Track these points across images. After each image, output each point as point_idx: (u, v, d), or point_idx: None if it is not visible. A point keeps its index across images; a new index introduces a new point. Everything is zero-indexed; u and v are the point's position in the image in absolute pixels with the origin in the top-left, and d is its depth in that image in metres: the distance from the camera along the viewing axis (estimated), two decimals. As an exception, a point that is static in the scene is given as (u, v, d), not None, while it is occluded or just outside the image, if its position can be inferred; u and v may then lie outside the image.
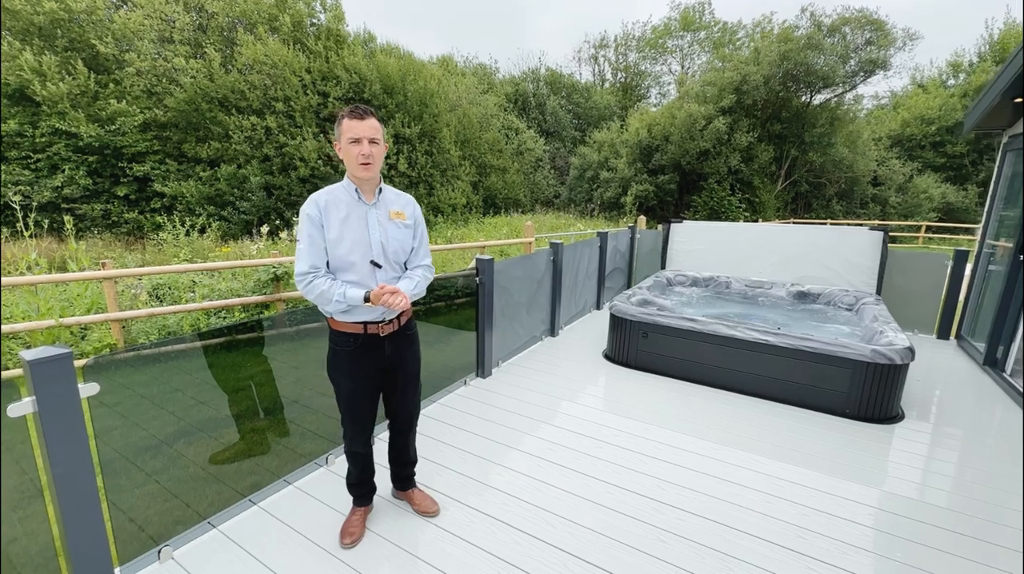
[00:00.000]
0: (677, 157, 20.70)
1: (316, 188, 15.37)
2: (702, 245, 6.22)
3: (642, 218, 12.85)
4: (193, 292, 6.87)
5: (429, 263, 2.14)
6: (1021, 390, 3.71)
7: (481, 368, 3.98)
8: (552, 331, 5.13)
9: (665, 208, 22.33)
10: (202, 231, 12.64)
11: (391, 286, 1.90)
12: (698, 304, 5.51)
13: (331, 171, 14.89)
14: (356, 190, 1.96)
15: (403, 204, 2.08)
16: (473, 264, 3.82)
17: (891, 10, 30.10)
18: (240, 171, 14.28)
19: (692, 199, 21.17)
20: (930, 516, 2.40)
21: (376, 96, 16.11)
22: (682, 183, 21.66)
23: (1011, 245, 4.44)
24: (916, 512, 2.43)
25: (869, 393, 3.38)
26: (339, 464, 2.76)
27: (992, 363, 4.34)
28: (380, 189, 2.00)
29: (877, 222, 21.61)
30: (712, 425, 3.31)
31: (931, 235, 20.22)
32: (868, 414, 3.41)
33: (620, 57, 39.41)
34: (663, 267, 6.44)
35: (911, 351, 3.34)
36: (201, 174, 14.11)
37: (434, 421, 3.27)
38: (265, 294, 6.63)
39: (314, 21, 16.96)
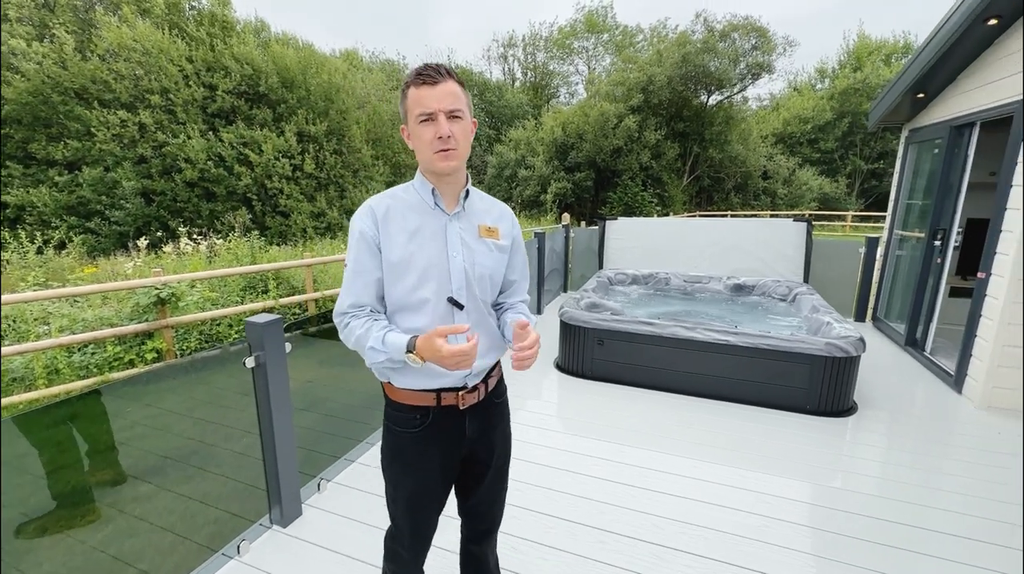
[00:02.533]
0: (592, 155, 21.18)
1: (207, 193, 13.83)
2: (637, 242, 6.13)
3: (567, 215, 12.83)
4: (47, 325, 5.55)
5: (528, 298, 1.51)
6: (952, 371, 3.91)
7: None
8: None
9: (583, 205, 22.80)
10: (61, 247, 10.62)
11: (466, 328, 1.18)
12: (641, 303, 5.38)
13: (224, 173, 13.25)
14: (433, 191, 1.28)
15: (497, 216, 1.40)
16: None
17: (772, 18, 33.53)
18: (109, 175, 12.24)
19: (608, 195, 21.79)
20: (912, 511, 2.31)
21: (274, 90, 14.62)
22: (598, 180, 22.22)
23: (918, 233, 4.74)
24: (901, 509, 2.33)
25: (828, 387, 3.35)
26: (258, 553, 2.12)
27: (912, 343, 4.60)
28: (467, 192, 1.33)
29: (770, 212, 23.74)
30: (679, 437, 3.08)
31: (856, 223, 22.54)
32: (827, 408, 3.38)
33: (529, 57, 39.78)
34: (601, 266, 6.27)
35: (863, 342, 3.34)
36: (56, 179, 11.90)
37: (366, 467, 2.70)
38: (147, 321, 5.52)
39: (194, 4, 15.03)
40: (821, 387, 3.36)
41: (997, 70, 3.64)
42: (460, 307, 1.27)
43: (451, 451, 1.34)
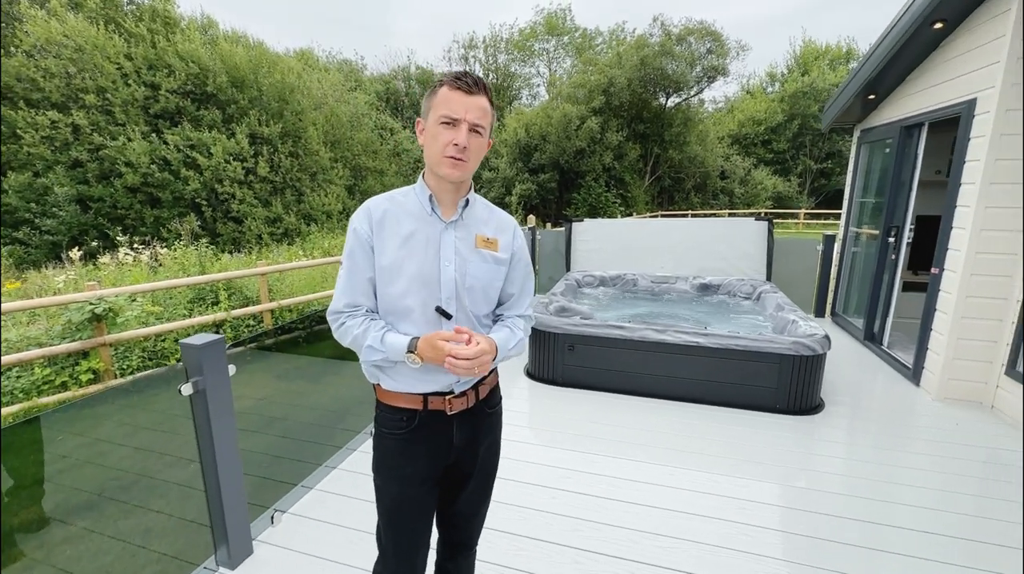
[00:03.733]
0: (556, 156, 21.27)
1: (151, 199, 13.00)
2: (604, 243, 6.09)
3: (532, 217, 12.77)
4: (-38, 347, 5.00)
5: (531, 314, 1.46)
6: (910, 364, 4.01)
7: None
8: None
9: (547, 206, 22.87)
10: (-16, 259, 9.74)
11: (461, 331, 1.19)
12: (610, 305, 5.33)
13: (170, 178, 12.51)
14: (431, 198, 1.27)
15: (499, 226, 1.36)
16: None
17: (725, 23, 34.87)
18: (39, 180, 11.32)
19: (572, 196, 21.94)
20: (896, 510, 2.31)
21: (223, 89, 13.93)
22: (562, 181, 22.34)
23: (872, 230, 4.89)
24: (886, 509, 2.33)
25: (796, 385, 3.36)
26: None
27: (871, 338, 4.73)
28: (467, 200, 1.30)
29: (728, 211, 24.48)
30: (652, 444, 3.01)
31: (830, 220, 23.38)
32: (796, 406, 3.39)
33: (490, 58, 39.69)
34: (568, 268, 6.20)
35: (828, 339, 3.37)
36: (-23, 185, 10.92)
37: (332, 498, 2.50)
38: (80, 340, 5.07)
39: (132, -1, 14.16)
40: (790, 386, 3.37)
41: (943, 72, 3.77)
42: (448, 317, 1.25)
43: (436, 456, 1.31)
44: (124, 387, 5.28)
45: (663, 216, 21.83)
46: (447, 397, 1.28)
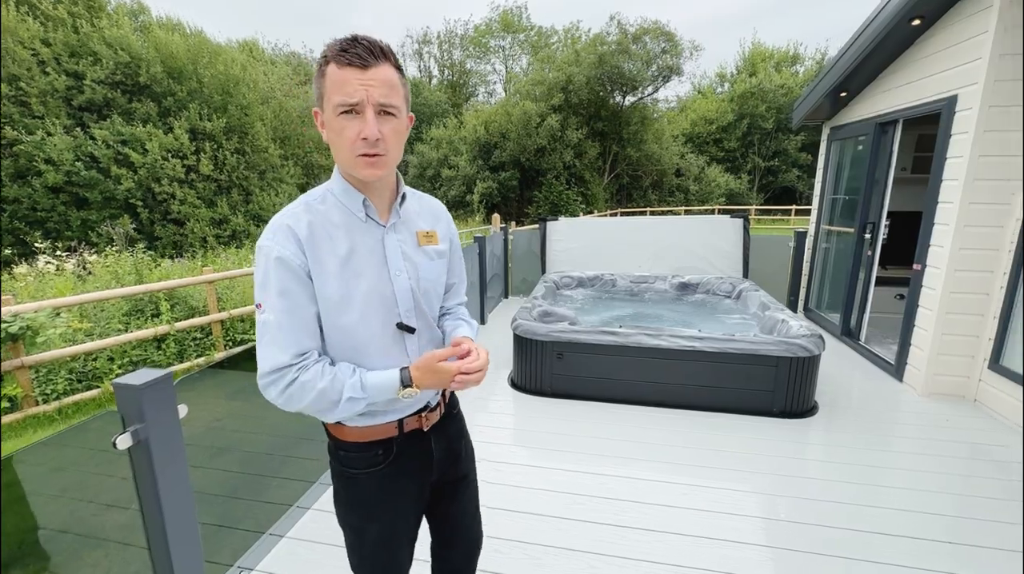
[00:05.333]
0: (516, 154, 21.08)
1: (78, 200, 11.76)
2: (579, 243, 5.92)
3: (496, 216, 12.50)
4: None
5: (466, 298, 1.36)
6: (891, 359, 4.04)
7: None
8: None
9: (509, 205, 22.66)
10: None
11: (463, 342, 1.09)
12: (591, 308, 5.15)
13: (99, 176, 11.39)
14: (364, 201, 1.05)
15: (432, 216, 1.21)
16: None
17: (677, 24, 35.79)
18: (-61, 180, 10.02)
19: (534, 195, 21.83)
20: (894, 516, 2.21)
21: (158, 80, 12.84)
22: (523, 179, 22.18)
23: (846, 228, 4.94)
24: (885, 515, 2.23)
25: (793, 387, 3.27)
26: None
27: (848, 333, 4.77)
28: (403, 196, 1.12)
29: (684, 208, 25.10)
30: (652, 457, 2.82)
31: (779, 216, 24.18)
32: (792, 409, 3.30)
33: (445, 54, 39.05)
34: (544, 270, 5.98)
35: (822, 339, 3.31)
36: None
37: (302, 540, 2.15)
38: (-10, 363, 4.38)
39: (49, -22, 12.79)
40: (786, 388, 3.28)
41: (920, 69, 3.79)
42: (411, 331, 1.10)
43: (422, 479, 1.19)
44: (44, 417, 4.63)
45: (623, 214, 22.10)
46: (423, 413, 1.16)
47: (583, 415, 3.36)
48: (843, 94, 4.78)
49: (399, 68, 0.99)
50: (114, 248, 8.65)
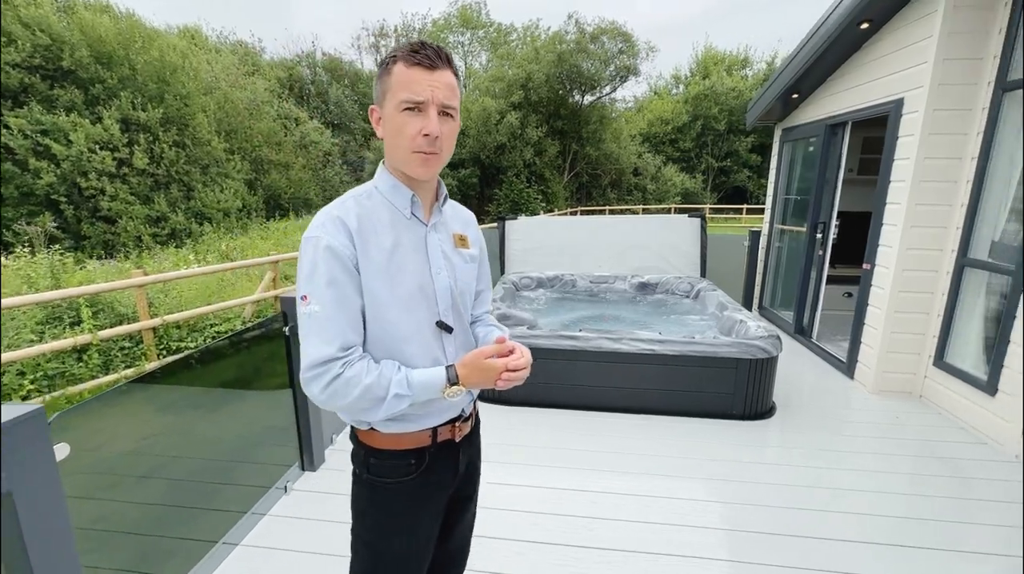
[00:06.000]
0: (476, 151, 20.83)
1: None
2: (538, 242, 5.79)
3: (455, 214, 12.25)
4: None
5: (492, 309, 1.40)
6: (842, 357, 4.11)
7: (307, 458, 2.66)
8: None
9: (469, 203, 22.39)
10: None
11: (503, 341, 1.07)
12: (550, 310, 5.03)
13: (14, 170, 10.35)
14: (412, 198, 1.07)
15: (465, 221, 1.25)
16: (250, 311, 2.47)
17: (633, 25, 36.47)
18: None
19: (494, 192, 21.66)
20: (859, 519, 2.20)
21: (84, 66, 11.82)
22: (483, 177, 21.97)
23: (798, 227, 5.03)
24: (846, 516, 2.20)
25: (751, 390, 3.25)
26: None
27: (801, 331, 4.86)
28: (445, 197, 1.16)
29: (642, 207, 25.57)
30: (615, 466, 2.72)
31: (731, 215, 24.80)
32: (751, 411, 3.29)
33: (403, 48, 38.11)
34: (503, 271, 5.82)
35: (780, 340, 3.30)
36: None
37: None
38: None
39: (-47, -52, 11.51)
40: (746, 390, 3.25)
41: (868, 72, 3.86)
42: (449, 331, 1.11)
43: (445, 493, 1.18)
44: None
45: (583, 212, 22.27)
46: (456, 423, 1.15)
47: (541, 424, 3.23)
48: (794, 96, 4.86)
49: (457, 75, 1.03)
50: (26, 249, 7.84)
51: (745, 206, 25.19)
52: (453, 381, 1.02)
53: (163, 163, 12.91)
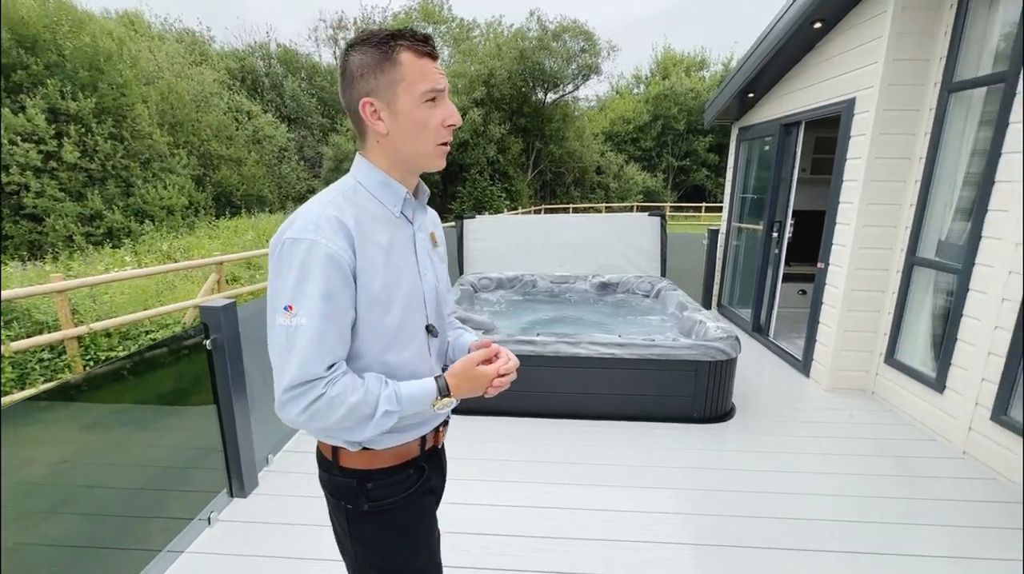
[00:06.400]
0: (438, 148, 20.48)
1: None
2: (498, 242, 5.63)
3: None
4: None
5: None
6: (798, 355, 4.14)
7: (236, 483, 2.41)
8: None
9: (432, 201, 21.92)
10: None
11: (489, 344, 1.06)
12: (510, 312, 4.87)
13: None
14: (407, 196, 1.00)
15: (434, 220, 1.20)
16: (191, 316, 2.20)
17: (595, 24, 36.84)
18: None
19: (457, 190, 21.36)
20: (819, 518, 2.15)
21: (4, 50, 10.82)
22: (446, 175, 21.62)
23: (755, 225, 5.07)
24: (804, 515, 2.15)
25: (711, 392, 3.19)
26: None
27: (758, 329, 4.89)
28: (426, 194, 1.09)
29: (605, 205, 25.83)
30: (574, 478, 2.60)
31: (691, 214, 25.21)
32: (711, 414, 3.23)
33: (363, 42, 37.14)
34: (461, 271, 5.62)
35: (738, 341, 3.26)
36: None
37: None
38: None
39: None
40: (705, 393, 3.19)
41: (821, 72, 3.88)
42: (436, 335, 1.08)
43: (438, 498, 1.18)
44: None
45: (547, 210, 22.27)
46: (439, 428, 1.12)
47: (493, 434, 3.07)
48: (750, 95, 4.87)
49: None
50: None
51: (704, 204, 25.85)
52: (444, 393, 0.98)
53: (97, 157, 12.00)
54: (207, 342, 2.19)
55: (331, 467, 1.02)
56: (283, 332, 0.87)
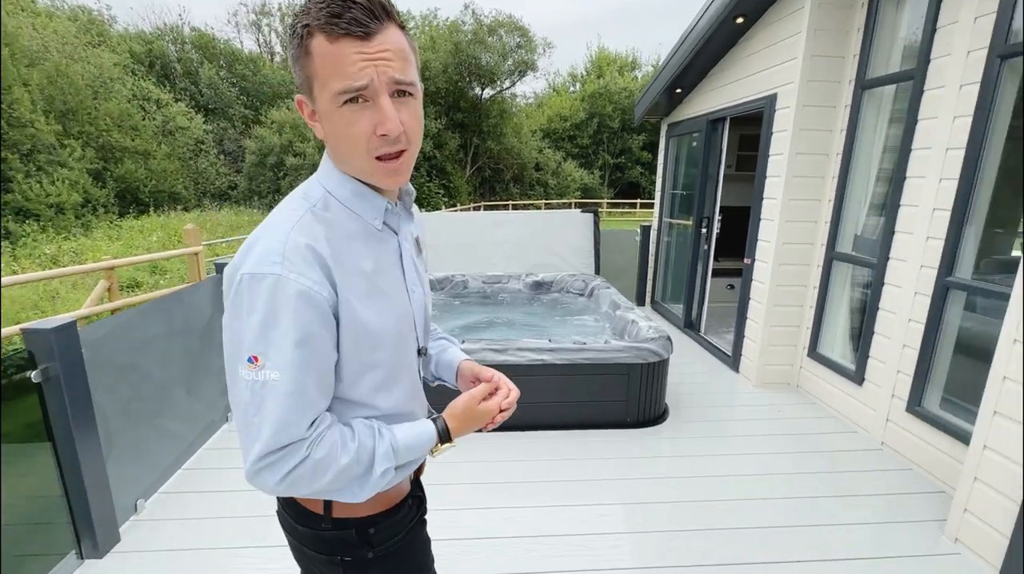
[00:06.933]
0: (371, 142, 19.66)
1: None
2: (429, 240, 5.29)
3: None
4: None
5: None
6: (728, 351, 4.15)
7: (87, 538, 1.97)
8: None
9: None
10: None
11: (491, 378, 0.97)
12: (441, 315, 4.58)
13: None
14: (387, 208, 0.82)
15: (420, 222, 0.99)
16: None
17: (531, 20, 36.95)
18: None
19: (393, 186, 20.64)
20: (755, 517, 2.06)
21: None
22: (380, 170, 20.82)
23: (685, 221, 5.08)
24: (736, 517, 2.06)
25: (644, 395, 3.08)
26: None
27: (690, 325, 4.91)
28: (412, 195, 0.91)
29: (544, 201, 25.95)
30: (506, 494, 2.38)
31: (627, 210, 25.58)
32: (645, 417, 3.13)
33: (288, 29, 35.13)
34: (388, 271, 5.24)
35: (670, 340, 3.17)
36: None
37: None
38: None
39: None
40: (639, 396, 3.08)
41: (745, 67, 3.89)
42: (426, 354, 0.98)
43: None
44: None
45: (487, 207, 22.01)
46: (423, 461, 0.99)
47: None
48: (678, 90, 4.86)
49: (403, 27, 0.74)
50: None
51: (639, 200, 26.61)
52: (444, 437, 0.87)
53: (-37, 147, 10.39)
54: (33, 374, 1.75)
55: (319, 521, 0.85)
56: (248, 388, 0.70)
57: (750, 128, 5.13)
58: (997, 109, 2.24)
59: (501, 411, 0.92)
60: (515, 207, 24.47)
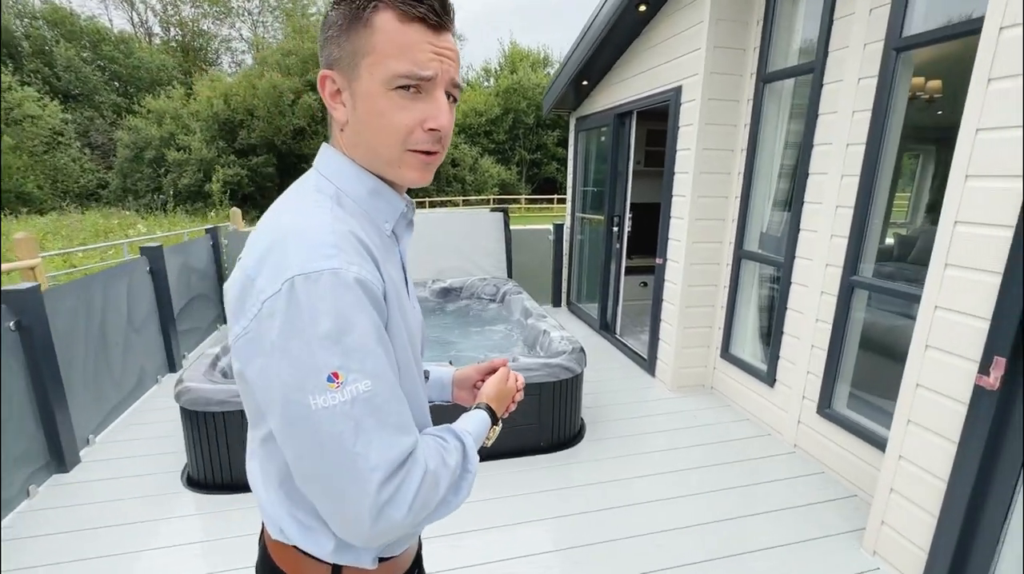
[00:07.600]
0: (269, 135, 17.98)
1: None
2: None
3: (236, 211, 10.03)
4: None
5: None
6: (644, 354, 4.01)
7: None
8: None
9: (267, 196, 19.36)
10: None
11: (505, 363, 0.98)
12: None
13: None
14: (404, 210, 0.73)
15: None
16: None
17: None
18: None
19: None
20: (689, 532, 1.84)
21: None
22: (280, 166, 19.16)
23: (597, 217, 4.91)
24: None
25: (559, 415, 2.80)
26: None
27: (605, 327, 4.75)
28: (412, 204, 0.81)
29: (462, 198, 25.45)
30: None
31: (545, 206, 25.39)
32: (560, 439, 2.84)
33: (169, 7, 31.59)
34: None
35: (584, 352, 2.92)
36: None
37: None
38: None
39: None
40: (552, 417, 2.79)
41: (650, 58, 3.73)
42: (427, 379, 0.99)
43: None
44: None
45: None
46: None
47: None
48: (584, 83, 4.66)
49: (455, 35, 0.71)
50: None
51: (556, 196, 26.94)
52: (494, 420, 0.85)
53: None
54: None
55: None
56: (336, 415, 0.54)
57: (658, 123, 5.07)
58: (895, 103, 2.18)
59: (519, 387, 0.93)
60: (431, 205, 23.75)
